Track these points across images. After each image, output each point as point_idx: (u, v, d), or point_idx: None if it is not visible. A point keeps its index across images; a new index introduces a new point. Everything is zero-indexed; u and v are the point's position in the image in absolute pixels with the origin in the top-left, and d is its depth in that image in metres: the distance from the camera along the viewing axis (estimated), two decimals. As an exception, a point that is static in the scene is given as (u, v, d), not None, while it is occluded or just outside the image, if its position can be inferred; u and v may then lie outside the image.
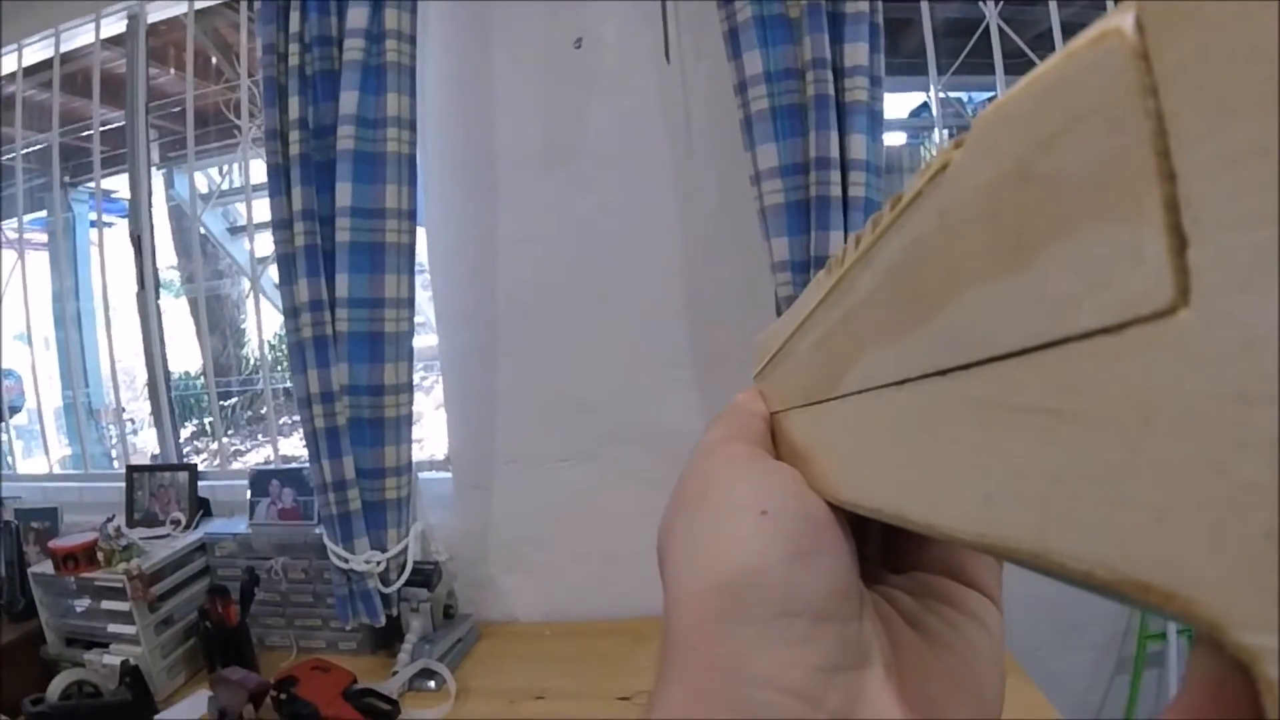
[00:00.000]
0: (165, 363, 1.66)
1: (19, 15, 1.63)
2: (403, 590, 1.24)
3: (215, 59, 1.72)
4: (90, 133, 1.64)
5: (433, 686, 1.16)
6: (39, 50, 1.69)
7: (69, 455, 1.88)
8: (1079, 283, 0.09)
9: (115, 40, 1.65)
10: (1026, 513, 0.10)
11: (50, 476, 1.77)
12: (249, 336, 2.68)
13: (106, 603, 1.19)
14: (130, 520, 1.40)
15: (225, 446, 1.83)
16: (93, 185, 1.74)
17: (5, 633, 1.26)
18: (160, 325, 1.64)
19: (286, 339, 1.25)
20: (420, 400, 1.31)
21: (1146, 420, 0.08)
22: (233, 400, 2.74)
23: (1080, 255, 0.09)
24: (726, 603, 0.19)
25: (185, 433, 2.43)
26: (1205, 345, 0.07)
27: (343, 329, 1.17)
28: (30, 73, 1.71)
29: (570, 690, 1.10)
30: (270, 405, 1.72)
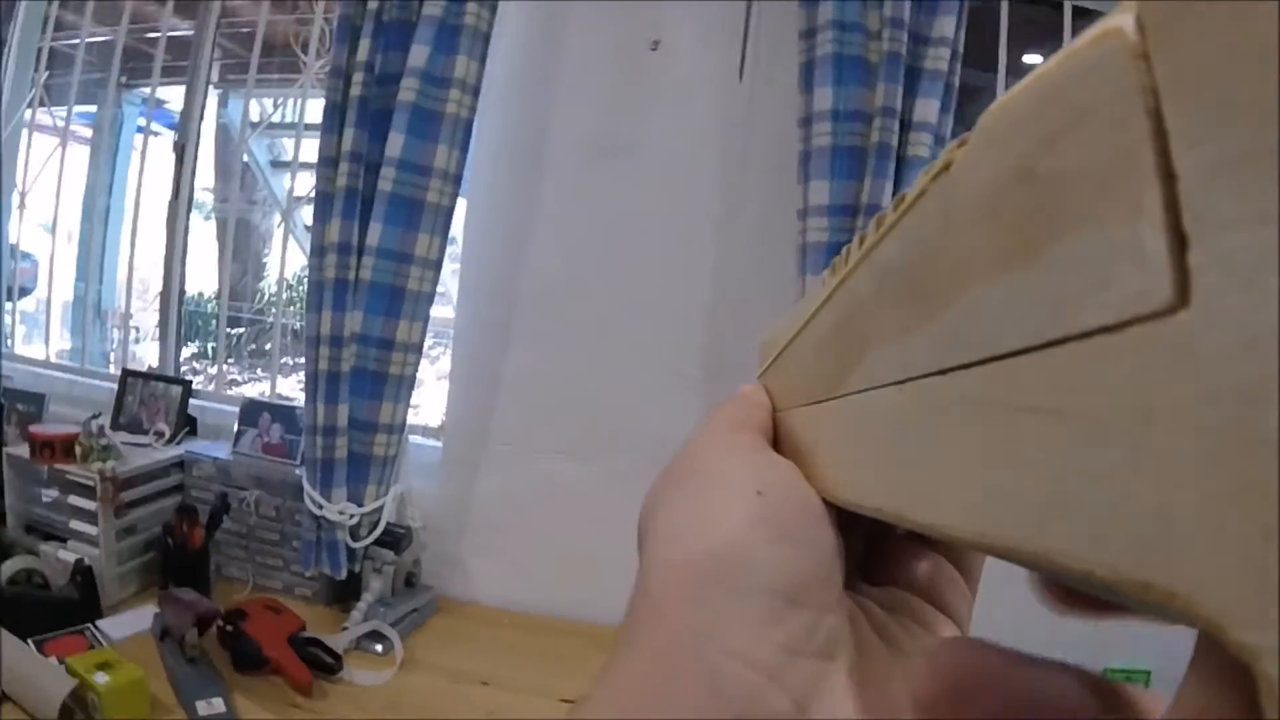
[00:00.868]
0: (182, 278, 1.65)
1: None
2: (370, 549, 1.22)
3: (294, -10, 1.73)
4: (156, 36, 1.64)
5: (379, 650, 1.14)
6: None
7: (68, 349, 1.87)
8: (1080, 282, 0.09)
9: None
10: (1027, 512, 0.10)
11: (44, 364, 1.76)
12: (269, 270, 2.69)
13: (74, 498, 1.18)
14: (115, 423, 1.38)
15: (224, 373, 1.83)
16: (146, 90, 1.75)
17: (-34, 505, 1.24)
18: (185, 240, 1.64)
19: (308, 276, 1.25)
20: (424, 367, 1.30)
21: (1147, 419, 0.08)
22: (240, 330, 2.74)
23: (1081, 254, 0.09)
24: (708, 573, 0.19)
25: (186, 352, 2.42)
26: (1205, 345, 0.07)
27: (366, 276, 1.17)
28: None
29: (517, 682, 1.08)
30: (276, 342, 1.72)
